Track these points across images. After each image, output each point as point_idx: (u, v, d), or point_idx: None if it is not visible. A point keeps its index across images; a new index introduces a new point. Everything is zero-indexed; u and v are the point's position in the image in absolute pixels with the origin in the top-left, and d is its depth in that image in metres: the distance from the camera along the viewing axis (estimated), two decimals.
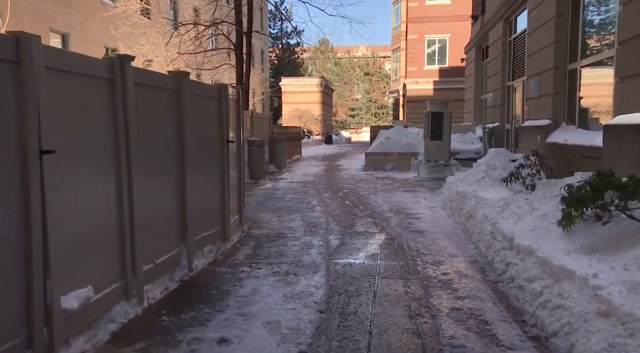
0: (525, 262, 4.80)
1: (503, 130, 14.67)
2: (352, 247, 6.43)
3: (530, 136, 10.85)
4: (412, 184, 13.12)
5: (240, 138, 7.23)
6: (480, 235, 6.36)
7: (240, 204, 7.29)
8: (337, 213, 8.85)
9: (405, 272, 5.33)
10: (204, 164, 5.81)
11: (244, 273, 5.32)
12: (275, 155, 17.32)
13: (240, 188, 7.29)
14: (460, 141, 17.40)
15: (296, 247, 6.38)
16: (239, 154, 7.22)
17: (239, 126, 7.20)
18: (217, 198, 6.25)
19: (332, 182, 13.72)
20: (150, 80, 4.62)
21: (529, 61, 11.61)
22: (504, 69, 14.55)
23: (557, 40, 9.64)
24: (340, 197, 10.78)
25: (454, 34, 38.12)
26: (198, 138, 5.59)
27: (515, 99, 13.89)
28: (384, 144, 17.41)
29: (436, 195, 10.79)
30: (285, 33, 56.15)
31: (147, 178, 4.51)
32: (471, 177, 9.90)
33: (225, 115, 6.34)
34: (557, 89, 9.78)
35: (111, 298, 3.93)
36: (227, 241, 6.42)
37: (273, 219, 8.30)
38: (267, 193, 11.44)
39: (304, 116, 40.88)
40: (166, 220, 4.95)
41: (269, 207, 9.60)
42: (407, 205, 9.65)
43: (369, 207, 9.44)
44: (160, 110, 4.84)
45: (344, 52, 68.09)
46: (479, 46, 19.29)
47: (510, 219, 6.18)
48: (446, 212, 8.77)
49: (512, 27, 14.08)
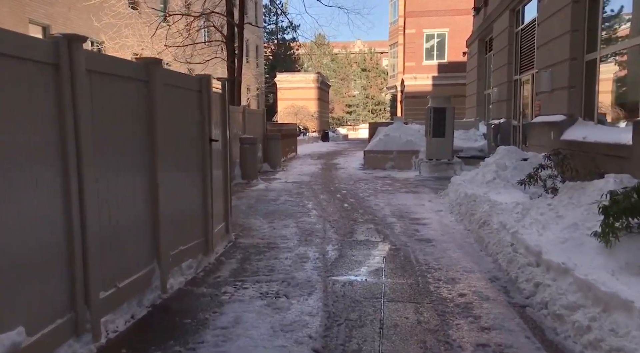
0: (559, 283, 4.04)
1: (509, 126, 13.91)
2: (352, 259, 5.66)
3: (542, 133, 10.10)
4: (414, 184, 12.36)
5: (227, 136, 6.44)
6: (498, 246, 5.59)
7: (226, 210, 6.50)
8: (334, 218, 8.07)
9: (415, 292, 4.56)
10: (182, 165, 5.02)
11: (226, 294, 4.54)
12: (269, 154, 16.53)
13: (226, 193, 6.50)
14: (463, 138, 16.64)
15: (289, 261, 5.60)
16: (225, 153, 6.42)
17: (225, 123, 6.40)
18: (197, 205, 5.46)
19: (329, 182, 12.94)
20: (109, 68, 3.82)
21: (539, 53, 10.84)
22: (510, 62, 13.78)
23: (573, 29, 8.87)
24: (338, 199, 10.01)
25: (453, 29, 37.35)
26: (174, 135, 4.80)
27: (522, 94, 13.12)
28: (383, 141, 16.64)
29: (441, 196, 10.03)
30: (280, 28, 55.24)
31: (106, 182, 3.73)
32: (480, 178, 9.13)
33: (207, 111, 5.54)
34: (572, 81, 9.02)
35: (54, 338, 3.15)
36: (210, 254, 5.64)
37: (264, 225, 7.52)
38: (260, 195, 10.65)
39: (300, 113, 40.04)
40: (133, 232, 4.16)
41: (260, 211, 8.82)
42: (411, 209, 8.88)
43: (369, 211, 8.67)
44: (124, 102, 4.04)
45: (340, 47, 67.21)
46: (481, 39, 18.52)
47: (533, 228, 5.41)
48: (454, 217, 8.00)
49: (519, 17, 13.31)
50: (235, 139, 13.30)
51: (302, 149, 26.03)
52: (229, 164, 6.54)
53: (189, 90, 5.23)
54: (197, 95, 5.43)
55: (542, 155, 6.51)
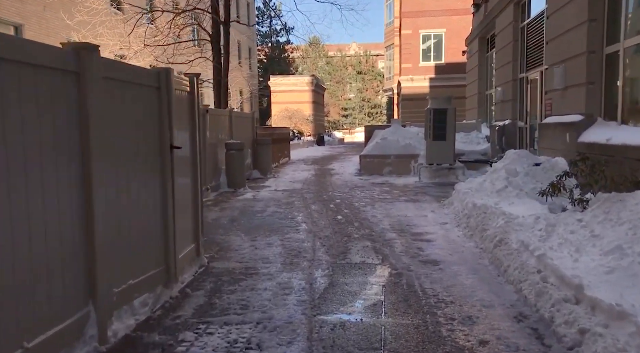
0: (614, 332, 3.08)
1: (515, 128, 12.99)
2: (345, 290, 4.68)
3: (555, 135, 9.17)
4: (414, 191, 11.41)
5: (197, 141, 5.46)
6: (521, 272, 4.63)
7: (197, 229, 5.52)
8: (326, 233, 7.10)
9: (424, 339, 3.59)
10: (129, 176, 4.05)
11: (184, 344, 3.56)
12: (259, 160, 15.55)
13: (197, 208, 5.52)
14: (464, 141, 15.73)
15: (268, 292, 4.62)
16: (196, 161, 5.45)
17: (195, 126, 5.43)
18: (155, 225, 4.48)
19: (323, 190, 11.98)
20: (15, 54, 2.85)
21: (549, 47, 9.92)
22: (516, 59, 12.87)
23: (590, 19, 7.96)
24: (331, 210, 9.04)
25: (450, 29, 36.56)
26: (118, 141, 3.84)
27: (529, 93, 12.20)
28: (380, 145, 15.69)
29: (445, 206, 9.08)
30: (274, 30, 54.43)
31: (12, 195, 2.76)
32: (489, 185, 8.17)
33: (168, 112, 4.58)
34: (590, 77, 8.10)
35: None
36: (172, 285, 4.65)
37: (245, 244, 6.53)
38: (245, 206, 9.67)
39: (294, 116, 39.10)
40: (56, 267, 3.18)
41: (243, 225, 7.84)
42: (412, 221, 7.92)
43: (365, 224, 7.71)
44: (44, 98, 3.08)
45: (335, 50, 66.48)
46: (482, 36, 17.63)
47: (564, 251, 4.46)
48: (462, 231, 7.05)
49: (524, 10, 12.41)
50: (221, 145, 12.36)
51: (296, 154, 25.07)
52: (199, 174, 5.57)
53: (142, 86, 4.26)
54: (155, 93, 4.46)
55: (568, 161, 5.56)
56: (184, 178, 5.10)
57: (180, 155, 4.89)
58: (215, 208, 9.49)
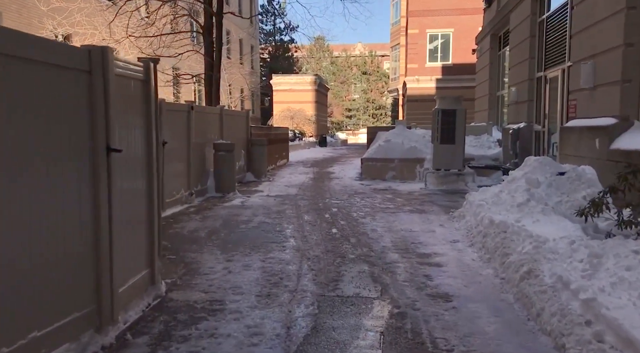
0: None
1: (531, 132, 11.87)
2: (331, 339, 3.61)
3: (582, 140, 8.07)
4: (419, 200, 10.32)
5: (153, 141, 4.41)
6: (562, 320, 3.53)
7: (151, 250, 4.45)
8: (316, 252, 6.03)
9: None
10: (37, 187, 2.99)
11: None
12: (253, 162, 14.48)
13: (152, 225, 4.45)
14: (474, 145, 14.60)
15: (231, 341, 3.55)
16: (150, 167, 4.39)
17: (151, 122, 4.37)
18: (81, 250, 3.41)
19: (319, 196, 10.91)
20: None
21: (575, 41, 8.82)
22: (533, 56, 11.76)
23: (629, 6, 6.86)
24: (326, 222, 7.97)
25: (458, 29, 35.46)
26: (17, 139, 2.78)
27: (548, 93, 11.09)
28: (383, 147, 14.60)
29: (454, 219, 8.00)
30: (278, 29, 53.44)
31: None
32: (507, 197, 7.07)
33: (105, 103, 3.51)
34: (627, 74, 7.01)
35: None
36: (108, 328, 3.58)
37: (218, 266, 5.46)
38: (230, 215, 8.61)
39: (297, 116, 38.05)
40: None
41: (223, 239, 6.78)
42: (418, 237, 6.84)
43: (363, 241, 6.63)
44: None
45: (340, 50, 65.42)
46: (494, 34, 16.52)
47: (621, 295, 3.37)
48: (477, 252, 5.97)
49: (544, 2, 11.29)
50: (209, 145, 11.32)
51: (296, 155, 24.03)
52: (157, 182, 4.51)
53: (63, 69, 3.20)
54: (84, 78, 3.40)
55: (617, 175, 4.46)
56: (130, 189, 4.03)
57: (125, 159, 3.83)
58: (196, 217, 8.44)
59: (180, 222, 8.00)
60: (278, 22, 52.93)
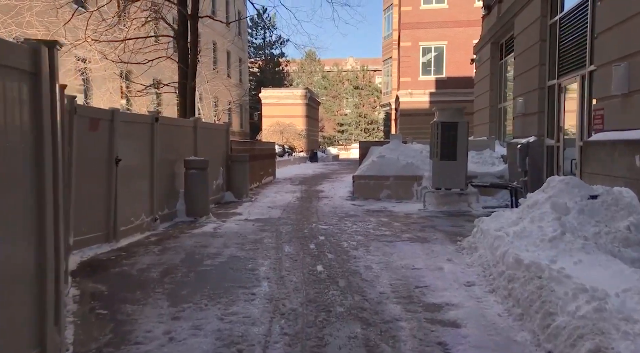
0: None
1: (542, 147, 10.61)
2: None
3: (615, 156, 6.78)
4: (419, 224, 8.98)
5: (48, 160, 3.03)
6: None
7: (42, 322, 3.03)
8: (294, 304, 4.62)
9: None
10: None
11: None
12: (234, 180, 13.08)
13: (43, 288, 3.03)
14: (476, 161, 13.34)
15: None
16: (40, 197, 3.00)
17: (54, 131, 3.00)
18: None
19: (305, 220, 9.53)
20: None
21: (601, 42, 7.58)
22: (543, 63, 10.53)
23: None
24: (311, 255, 6.58)
25: (451, 42, 34.59)
26: None
27: (564, 103, 9.84)
28: (377, 164, 13.31)
29: (464, 251, 6.67)
30: (268, 42, 52.51)
31: None
32: (532, 227, 5.72)
33: None
34: None
35: None
36: None
37: (157, 328, 4.04)
38: (196, 246, 7.20)
39: (286, 131, 36.76)
40: None
41: (177, 282, 5.37)
42: (423, 278, 5.46)
43: (355, 285, 5.24)
44: None
45: (332, 65, 64.61)
46: (495, 41, 15.36)
47: None
48: (502, 303, 4.59)
49: (556, 1, 10.10)
50: (180, 162, 9.95)
51: (284, 172, 22.68)
52: (57, 219, 3.12)
53: None
54: None
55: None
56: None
57: None
58: (155, 250, 7.03)
59: (132, 257, 6.58)
60: (268, 36, 52.04)
